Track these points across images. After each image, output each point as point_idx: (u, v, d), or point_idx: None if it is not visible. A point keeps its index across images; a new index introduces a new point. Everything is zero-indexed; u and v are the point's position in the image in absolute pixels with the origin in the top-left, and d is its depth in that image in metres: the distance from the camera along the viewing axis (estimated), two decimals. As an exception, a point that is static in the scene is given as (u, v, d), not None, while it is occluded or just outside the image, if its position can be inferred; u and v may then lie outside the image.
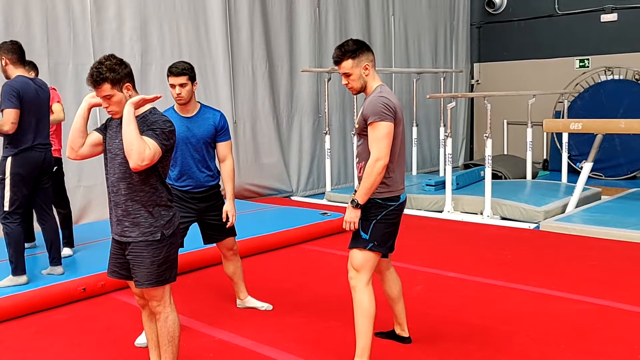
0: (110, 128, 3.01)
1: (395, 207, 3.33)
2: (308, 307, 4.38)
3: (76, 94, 6.81)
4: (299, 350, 3.68)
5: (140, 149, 2.78)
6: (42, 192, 4.69)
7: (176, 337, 3.04)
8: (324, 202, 8.62)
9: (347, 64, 3.31)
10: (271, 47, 8.83)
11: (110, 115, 2.97)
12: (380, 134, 3.18)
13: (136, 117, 2.87)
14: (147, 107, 2.98)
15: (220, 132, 3.99)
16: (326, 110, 8.76)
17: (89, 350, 3.77)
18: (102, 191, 7.00)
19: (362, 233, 3.30)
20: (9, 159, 4.44)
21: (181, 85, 3.82)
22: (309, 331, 3.95)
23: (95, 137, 3.04)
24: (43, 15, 6.53)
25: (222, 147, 4.03)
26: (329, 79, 8.62)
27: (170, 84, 3.84)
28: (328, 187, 8.86)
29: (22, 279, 4.45)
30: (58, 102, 5.33)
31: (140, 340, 3.78)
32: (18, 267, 4.45)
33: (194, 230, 6.09)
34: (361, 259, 3.30)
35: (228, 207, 4.00)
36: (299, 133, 9.37)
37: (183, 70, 3.82)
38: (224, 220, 3.99)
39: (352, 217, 3.26)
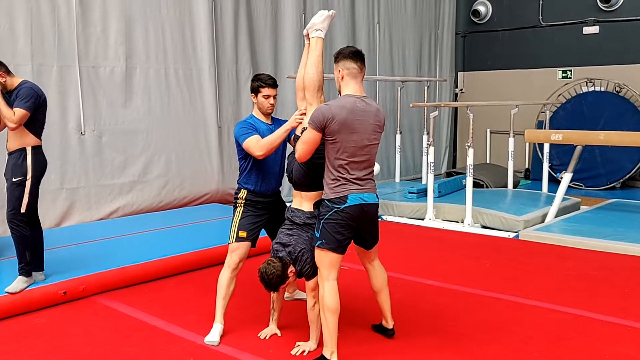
0: None
1: (340, 209, 3.47)
2: (293, 314, 4.38)
3: (60, 96, 6.80)
4: (282, 358, 3.70)
5: None
6: None
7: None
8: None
9: (334, 68, 3.61)
10: (256, 52, 8.87)
11: None
12: (304, 137, 3.52)
13: None
14: None
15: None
16: (311, 117, 8.80)
17: (69, 354, 3.78)
18: (85, 194, 7.03)
19: (315, 231, 3.59)
20: (30, 161, 4.46)
21: (274, 96, 4.11)
22: (292, 339, 3.95)
23: None
24: (27, 16, 6.51)
25: None
26: (314, 85, 8.66)
27: (264, 95, 4.07)
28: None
29: (39, 276, 4.63)
30: None
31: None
32: (33, 265, 4.57)
33: (175, 235, 6.10)
34: (316, 255, 3.58)
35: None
36: (283, 138, 9.39)
37: (276, 82, 4.13)
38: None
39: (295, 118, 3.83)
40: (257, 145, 3.92)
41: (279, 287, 3.63)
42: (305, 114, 3.83)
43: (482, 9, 12.52)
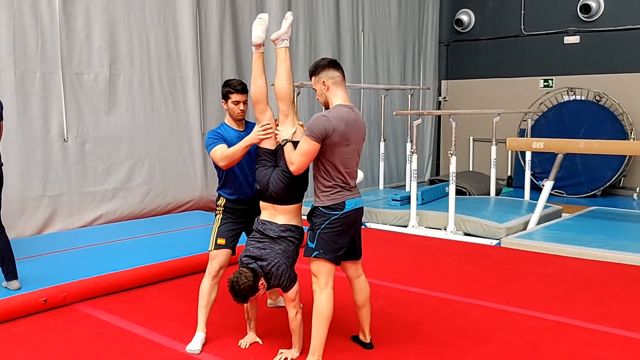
0: None
1: (339, 216, 3.51)
2: (275, 321, 4.39)
3: (43, 103, 6.76)
4: (263, 365, 3.70)
5: None
6: None
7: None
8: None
9: (312, 81, 3.64)
10: (241, 60, 8.88)
11: None
12: (303, 149, 3.45)
13: None
14: None
15: None
16: (295, 124, 8.82)
17: (49, 363, 3.76)
18: (67, 201, 6.99)
19: (309, 242, 3.57)
20: None
21: (244, 102, 4.04)
22: (274, 346, 3.93)
23: None
24: (10, 23, 6.47)
25: None
26: (298, 94, 8.68)
27: (234, 101, 4.01)
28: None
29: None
30: None
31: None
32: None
33: (157, 242, 6.07)
34: (313, 266, 3.58)
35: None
36: (267, 146, 9.40)
37: (245, 87, 4.05)
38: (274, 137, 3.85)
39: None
40: (220, 156, 3.88)
41: (248, 299, 3.54)
42: (268, 128, 3.79)
43: (465, 18, 12.65)
